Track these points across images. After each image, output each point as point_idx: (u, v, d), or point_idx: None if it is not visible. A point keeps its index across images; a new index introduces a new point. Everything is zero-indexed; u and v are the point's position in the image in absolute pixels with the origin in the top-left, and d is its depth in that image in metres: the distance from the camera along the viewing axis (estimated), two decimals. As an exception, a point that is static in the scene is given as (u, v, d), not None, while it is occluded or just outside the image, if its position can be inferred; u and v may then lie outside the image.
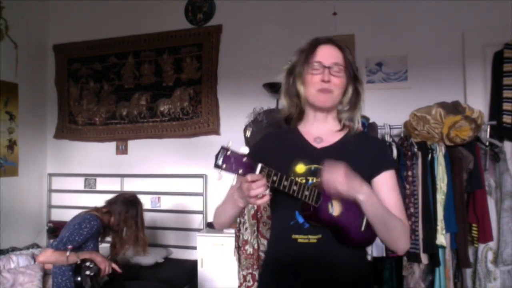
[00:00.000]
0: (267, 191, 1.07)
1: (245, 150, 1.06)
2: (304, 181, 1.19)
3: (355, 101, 1.29)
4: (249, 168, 1.04)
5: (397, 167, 1.30)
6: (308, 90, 1.25)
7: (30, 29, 3.88)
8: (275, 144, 1.34)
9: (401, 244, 1.23)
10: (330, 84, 1.22)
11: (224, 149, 1.03)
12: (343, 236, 1.18)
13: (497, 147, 2.53)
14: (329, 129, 1.30)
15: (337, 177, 1.08)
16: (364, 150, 1.27)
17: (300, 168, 1.22)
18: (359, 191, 1.11)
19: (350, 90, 1.27)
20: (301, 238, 1.19)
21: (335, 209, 1.16)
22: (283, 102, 1.33)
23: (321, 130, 1.30)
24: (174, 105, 3.64)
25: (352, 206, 1.16)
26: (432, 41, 3.00)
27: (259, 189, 1.06)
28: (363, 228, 1.19)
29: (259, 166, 1.06)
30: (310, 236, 1.18)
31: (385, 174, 1.25)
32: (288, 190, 1.10)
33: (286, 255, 1.22)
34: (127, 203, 2.44)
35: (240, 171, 1.04)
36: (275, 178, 1.08)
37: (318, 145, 1.27)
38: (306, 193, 1.11)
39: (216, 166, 1.03)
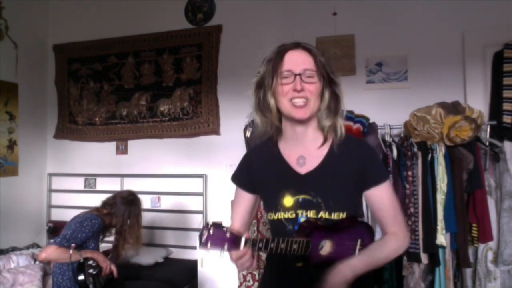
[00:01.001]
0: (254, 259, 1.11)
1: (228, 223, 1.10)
2: (294, 215, 1.18)
3: (334, 107, 1.20)
4: (233, 243, 1.06)
5: (389, 176, 1.33)
6: (281, 102, 1.16)
7: (30, 29, 3.88)
8: (259, 167, 1.29)
9: (398, 254, 1.23)
10: (304, 92, 1.14)
11: (206, 228, 1.05)
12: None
13: (497, 147, 2.53)
14: (311, 144, 1.22)
15: None
16: (351, 162, 1.20)
17: (288, 200, 1.19)
18: (348, 277, 1.09)
19: (326, 95, 1.18)
20: (299, 264, 1.17)
21: (326, 248, 1.15)
22: (256, 119, 1.24)
23: (302, 147, 1.22)
24: (174, 105, 3.64)
25: (344, 241, 1.16)
26: (432, 41, 3.00)
27: (246, 264, 1.09)
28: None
29: (243, 240, 1.07)
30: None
31: (376, 189, 1.20)
32: (276, 250, 1.09)
33: (286, 273, 1.22)
34: (128, 203, 2.44)
35: (226, 247, 1.06)
36: (260, 245, 1.08)
37: (302, 170, 1.21)
38: (295, 247, 1.10)
39: (202, 246, 1.06)
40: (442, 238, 2.35)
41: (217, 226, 1.05)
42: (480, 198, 2.41)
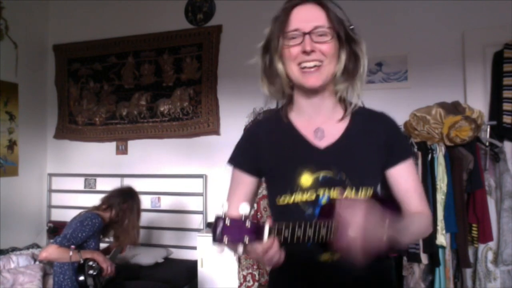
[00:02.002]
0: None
1: (244, 208, 0.86)
2: (314, 197, 1.01)
3: (352, 68, 1.03)
4: (256, 234, 0.86)
5: (413, 156, 1.12)
6: (289, 67, 1.01)
7: (30, 29, 3.88)
8: (267, 145, 1.10)
9: (426, 234, 1.11)
10: (316, 54, 0.97)
11: (220, 218, 0.84)
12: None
13: (497, 147, 2.53)
14: (328, 113, 1.07)
15: (355, 228, 0.84)
16: (376, 135, 1.06)
17: (306, 179, 1.02)
18: (382, 232, 0.87)
19: (343, 56, 1.01)
20: (323, 257, 1.01)
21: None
22: (263, 89, 1.09)
23: (319, 117, 1.06)
24: (174, 105, 3.64)
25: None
26: (432, 41, 3.00)
27: (275, 257, 0.87)
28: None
29: (267, 227, 0.86)
30: (332, 254, 0.98)
31: (402, 165, 1.07)
32: (303, 239, 0.89)
33: (307, 272, 1.04)
34: (124, 194, 2.46)
35: (246, 239, 0.85)
36: (286, 233, 0.88)
37: (321, 143, 1.05)
38: (323, 232, 0.90)
39: (217, 241, 0.84)
40: (442, 238, 2.35)
41: (233, 217, 0.86)
42: (480, 198, 2.41)
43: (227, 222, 0.84)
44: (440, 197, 2.39)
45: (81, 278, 2.10)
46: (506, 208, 2.42)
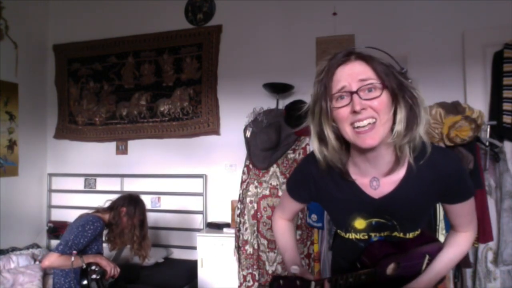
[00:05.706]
0: None
1: (295, 269, 1.04)
2: (366, 237, 1.14)
3: (412, 118, 0.99)
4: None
5: (475, 191, 1.18)
6: (343, 128, 0.97)
7: (30, 29, 3.89)
8: (324, 185, 1.15)
9: (466, 252, 1.22)
10: (367, 111, 0.94)
11: (275, 279, 1.00)
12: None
13: (497, 147, 2.53)
14: (386, 166, 1.05)
15: None
16: (432, 185, 1.05)
17: (360, 223, 1.12)
18: None
19: (398, 107, 0.98)
20: None
21: (390, 269, 1.15)
22: (317, 154, 1.05)
23: (375, 169, 1.06)
24: (174, 105, 3.64)
25: (412, 260, 1.16)
26: (432, 41, 3.00)
27: None
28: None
29: (313, 284, 1.01)
30: None
31: (458, 204, 1.11)
32: (345, 285, 1.06)
33: None
34: (127, 199, 2.43)
35: None
36: (330, 285, 1.05)
37: (376, 194, 1.07)
38: (363, 277, 1.07)
39: None
40: (442, 238, 2.35)
41: (286, 277, 1.02)
42: (480, 198, 2.40)
43: (281, 282, 1.01)
44: (440, 197, 2.39)
45: (84, 282, 2.09)
46: (506, 208, 2.42)
